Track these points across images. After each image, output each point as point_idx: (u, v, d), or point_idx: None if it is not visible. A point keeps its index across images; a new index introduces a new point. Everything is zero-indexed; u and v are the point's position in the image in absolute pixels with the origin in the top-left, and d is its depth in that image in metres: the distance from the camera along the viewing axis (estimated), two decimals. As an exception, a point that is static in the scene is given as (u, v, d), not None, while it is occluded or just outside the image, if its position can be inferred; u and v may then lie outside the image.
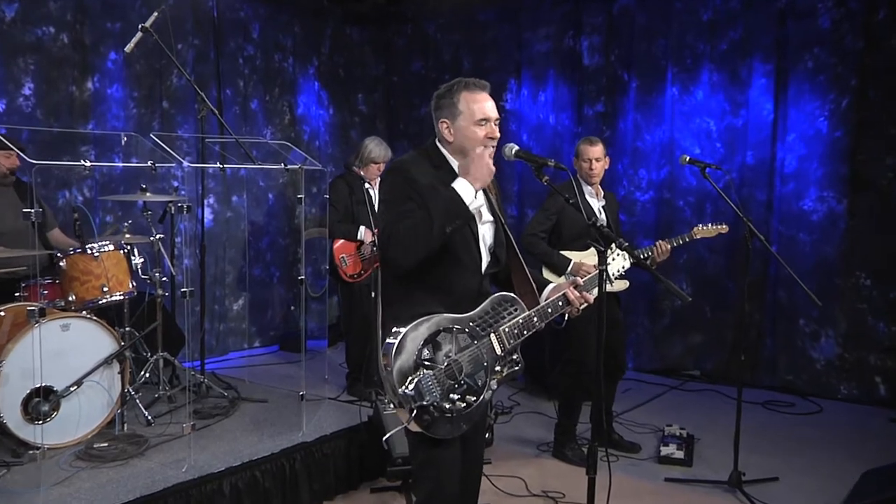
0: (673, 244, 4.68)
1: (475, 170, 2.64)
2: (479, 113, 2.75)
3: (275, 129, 7.56)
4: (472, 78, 2.80)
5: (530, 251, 4.69)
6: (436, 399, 2.58)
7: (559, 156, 7.21)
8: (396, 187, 2.69)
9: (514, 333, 2.76)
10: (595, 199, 4.78)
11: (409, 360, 2.56)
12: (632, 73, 6.92)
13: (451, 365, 2.63)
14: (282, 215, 7.65)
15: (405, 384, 2.54)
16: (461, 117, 2.76)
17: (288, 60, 7.64)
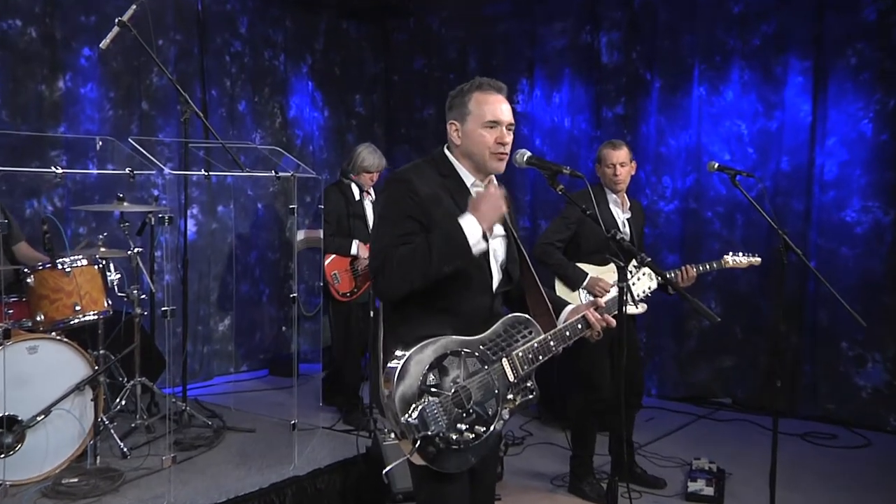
0: (700, 270, 4.67)
1: (483, 208, 2.62)
2: (488, 114, 2.76)
3: (264, 133, 7.56)
4: (488, 78, 2.82)
5: (543, 261, 4.69)
6: (442, 429, 2.56)
7: (575, 162, 7.21)
8: (395, 201, 2.69)
9: (529, 358, 2.75)
10: (619, 210, 4.78)
11: (413, 385, 2.55)
12: (655, 72, 6.91)
13: (459, 392, 2.61)
14: (272, 227, 7.65)
15: (408, 412, 2.52)
16: (470, 119, 2.78)
17: (279, 58, 7.66)
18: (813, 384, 6.39)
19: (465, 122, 2.78)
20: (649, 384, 6.92)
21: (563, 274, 4.67)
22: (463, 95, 2.80)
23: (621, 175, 4.72)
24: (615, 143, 4.80)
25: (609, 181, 4.75)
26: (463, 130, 2.78)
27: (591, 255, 4.70)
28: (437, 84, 8.17)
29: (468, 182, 2.80)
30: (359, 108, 8.48)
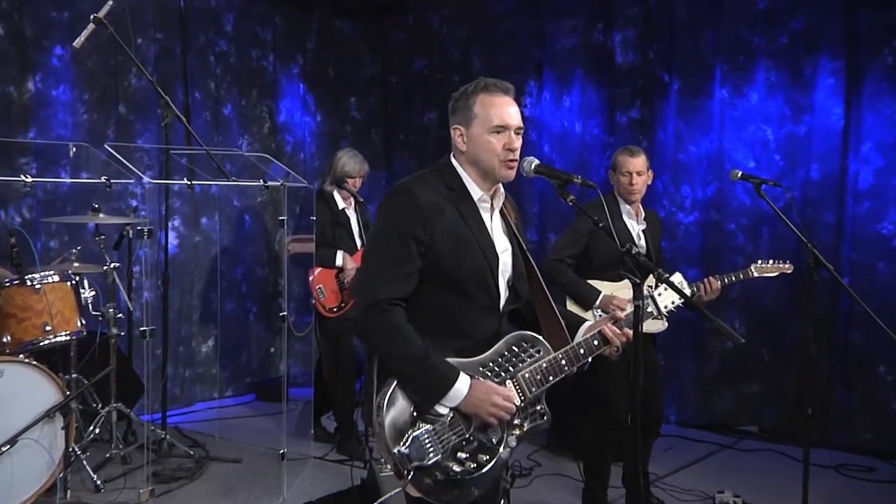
0: (725, 282, 4.65)
1: (485, 408, 2.62)
2: (495, 118, 2.76)
3: (252, 139, 7.56)
4: (495, 79, 2.84)
5: (553, 279, 4.69)
6: (438, 459, 2.53)
7: (587, 171, 7.19)
8: (395, 217, 2.70)
9: (537, 380, 2.74)
10: (634, 221, 4.77)
11: (405, 412, 2.54)
12: (673, 73, 6.91)
13: (458, 418, 2.60)
14: (260, 240, 7.64)
15: (401, 441, 2.49)
16: (475, 123, 2.78)
17: (268, 58, 7.67)
18: (847, 412, 6.34)
19: (470, 126, 2.79)
20: (668, 411, 6.87)
21: (575, 292, 4.67)
22: (467, 98, 2.81)
23: (637, 184, 4.71)
24: (632, 150, 4.79)
25: (624, 190, 4.73)
26: (468, 136, 2.79)
27: (605, 271, 4.70)
28: (439, 86, 8.17)
29: (475, 196, 2.81)
30: (354, 112, 8.48)
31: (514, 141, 2.78)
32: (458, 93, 2.86)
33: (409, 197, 2.69)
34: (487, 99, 2.78)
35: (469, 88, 2.82)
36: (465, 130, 2.80)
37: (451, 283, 2.69)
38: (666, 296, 3.26)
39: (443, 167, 2.85)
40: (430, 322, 2.67)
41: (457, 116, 2.83)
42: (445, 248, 2.68)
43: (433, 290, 2.70)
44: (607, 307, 4.56)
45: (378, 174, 8.56)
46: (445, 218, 2.70)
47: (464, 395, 2.60)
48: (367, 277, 2.69)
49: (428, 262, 2.67)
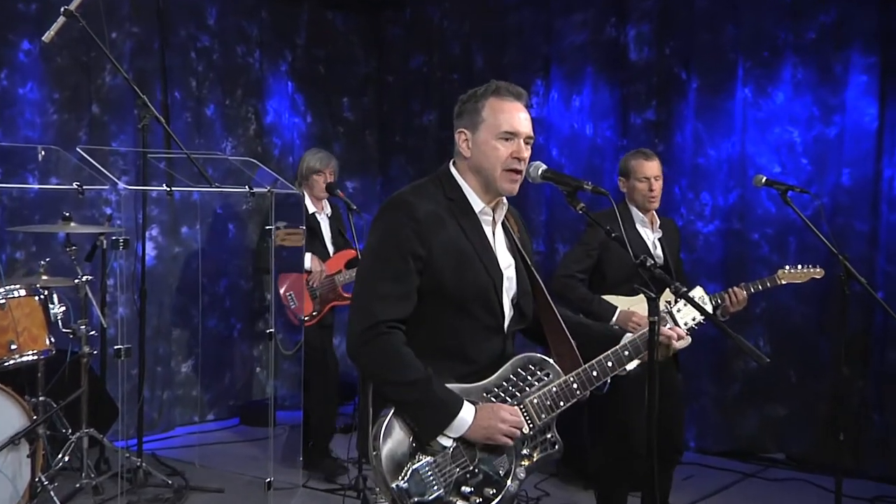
0: (751, 290, 4.63)
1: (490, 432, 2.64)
2: (504, 124, 2.78)
3: (237, 142, 7.55)
4: (507, 83, 2.85)
5: (564, 296, 4.69)
6: (440, 494, 2.55)
7: (598, 176, 7.18)
8: (391, 232, 2.70)
9: (547, 405, 2.74)
10: (649, 231, 4.76)
11: (404, 442, 2.55)
12: (691, 71, 6.90)
13: (461, 448, 2.60)
14: (245, 251, 7.63)
15: (400, 475, 2.48)
16: (483, 128, 2.80)
17: (253, 54, 7.67)
18: (883, 437, 6.32)
19: (476, 131, 2.81)
20: (687, 436, 6.84)
21: (588, 310, 4.67)
22: (476, 101, 2.83)
23: (657, 190, 4.72)
24: (646, 153, 4.78)
25: (643, 198, 4.73)
26: (474, 141, 2.81)
27: (620, 286, 4.71)
28: (439, 85, 8.16)
29: (477, 208, 2.83)
30: (347, 113, 8.48)
31: (522, 150, 2.79)
32: (466, 95, 2.88)
33: (406, 209, 2.70)
34: (498, 103, 2.80)
35: (479, 91, 2.85)
36: (470, 135, 2.81)
37: (451, 302, 2.70)
38: (686, 311, 3.26)
39: (442, 176, 2.87)
40: (428, 344, 2.67)
41: (463, 120, 2.85)
42: (445, 264, 2.69)
43: (432, 310, 2.71)
44: (626, 324, 4.55)
45: (373, 179, 8.57)
46: (445, 232, 2.71)
47: (468, 425, 2.60)
48: (362, 297, 2.69)
49: (426, 279, 2.68)
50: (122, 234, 4.72)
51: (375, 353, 2.61)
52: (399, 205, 2.72)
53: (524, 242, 3.00)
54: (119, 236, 4.58)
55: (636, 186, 4.74)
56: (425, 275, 2.68)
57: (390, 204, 2.76)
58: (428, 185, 2.84)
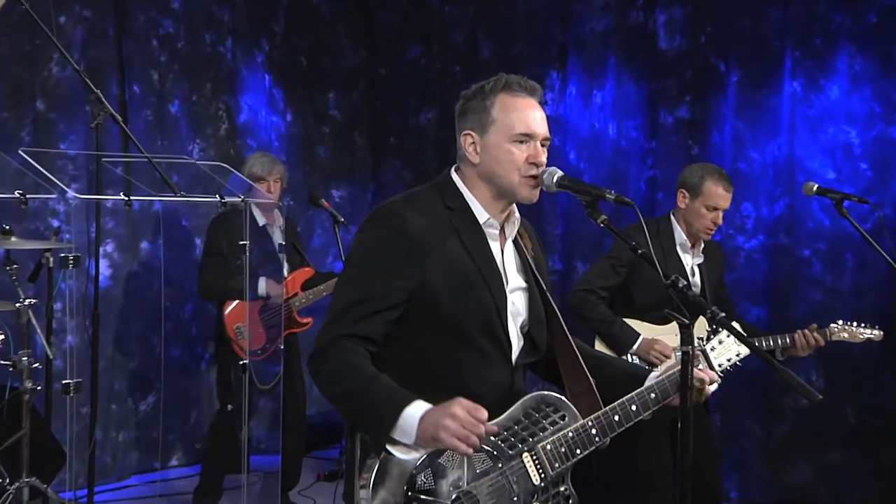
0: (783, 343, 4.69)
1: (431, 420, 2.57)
2: (519, 125, 2.80)
3: (205, 144, 7.55)
4: (518, 76, 2.88)
5: (580, 313, 4.72)
6: None
7: (623, 184, 7.20)
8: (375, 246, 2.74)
9: (562, 453, 2.76)
10: (688, 255, 4.76)
11: (397, 492, 2.56)
12: (731, 62, 6.91)
13: (462, 499, 2.62)
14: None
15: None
16: (494, 129, 2.82)
17: (225, 43, 7.67)
18: (957, 488, 6.29)
19: (486, 133, 2.82)
20: (727, 485, 6.81)
21: (607, 332, 4.68)
22: (484, 97, 2.84)
23: (720, 223, 4.74)
24: (727, 178, 4.81)
25: (701, 227, 4.76)
26: (483, 144, 2.82)
27: (647, 312, 4.72)
28: (439, 79, 8.16)
29: (481, 219, 2.84)
30: (333, 110, 8.48)
31: (540, 153, 2.82)
32: (470, 91, 2.89)
33: (396, 224, 2.71)
34: (509, 100, 2.82)
35: (486, 86, 2.85)
36: (478, 137, 2.82)
37: (450, 329, 2.72)
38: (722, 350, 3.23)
39: (442, 183, 2.89)
40: (426, 378, 2.69)
41: (468, 120, 2.85)
42: (442, 285, 2.70)
43: (428, 338, 2.73)
44: (647, 353, 4.56)
45: (363, 187, 8.54)
46: (442, 248, 2.72)
47: (416, 423, 2.55)
48: (329, 313, 2.73)
49: (419, 303, 2.69)
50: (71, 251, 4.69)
51: (323, 364, 2.67)
52: (388, 217, 2.73)
53: (539, 263, 3.01)
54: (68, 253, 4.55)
55: (699, 211, 4.75)
56: (417, 299, 2.69)
57: (378, 216, 2.77)
58: (424, 194, 2.85)
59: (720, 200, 4.73)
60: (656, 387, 2.86)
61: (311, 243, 8.13)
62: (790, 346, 4.76)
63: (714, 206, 4.75)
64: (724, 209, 4.79)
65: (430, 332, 2.71)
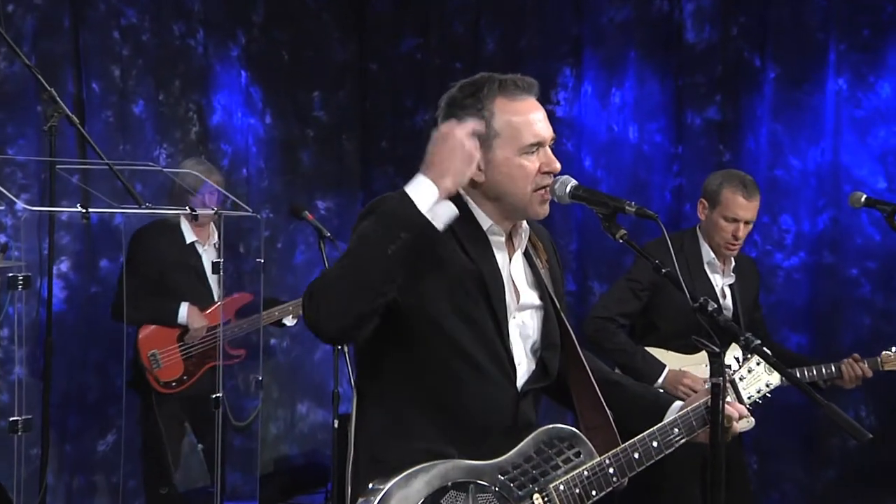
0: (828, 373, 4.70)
1: (437, 156, 2.63)
2: (527, 134, 2.80)
3: (174, 149, 7.53)
4: (511, 75, 2.85)
5: (599, 344, 4.74)
6: None
7: (645, 194, 7.22)
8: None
9: (576, 495, 2.76)
10: (718, 274, 4.76)
11: None
12: (767, 56, 6.93)
13: None
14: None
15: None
16: (499, 143, 2.80)
17: (196, 35, 7.66)
18: None
19: (489, 148, 2.79)
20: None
21: (629, 364, 4.68)
22: (478, 105, 2.81)
23: (743, 238, 4.74)
24: (748, 185, 4.81)
25: (721, 241, 4.75)
26: (488, 160, 2.79)
27: (673, 340, 4.72)
28: (437, 76, 8.13)
29: (485, 225, 2.83)
30: (318, 111, 8.46)
31: (553, 158, 2.81)
32: (456, 95, 2.85)
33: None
34: (510, 106, 2.80)
35: (478, 91, 2.82)
36: (482, 153, 2.77)
37: (445, 339, 2.69)
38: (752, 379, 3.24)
39: None
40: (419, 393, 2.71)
41: None
42: (436, 285, 2.69)
43: (422, 347, 2.71)
44: (674, 387, 4.56)
45: (352, 197, 8.51)
46: (441, 247, 2.69)
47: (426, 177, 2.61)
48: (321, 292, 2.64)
49: (411, 304, 2.67)
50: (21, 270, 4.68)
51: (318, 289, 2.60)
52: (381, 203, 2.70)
53: (555, 278, 3.00)
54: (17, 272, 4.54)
55: (718, 223, 4.76)
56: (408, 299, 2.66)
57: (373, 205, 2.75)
58: None
59: (739, 210, 4.72)
60: (680, 421, 2.87)
61: (292, 260, 8.14)
62: (835, 377, 4.75)
63: (733, 218, 4.75)
64: (745, 221, 4.78)
65: (422, 343, 2.69)
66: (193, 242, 6.12)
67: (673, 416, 2.93)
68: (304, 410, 7.83)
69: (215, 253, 6.07)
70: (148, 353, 5.85)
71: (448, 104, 2.84)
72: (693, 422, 2.87)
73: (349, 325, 2.56)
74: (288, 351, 8.08)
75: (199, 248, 6.13)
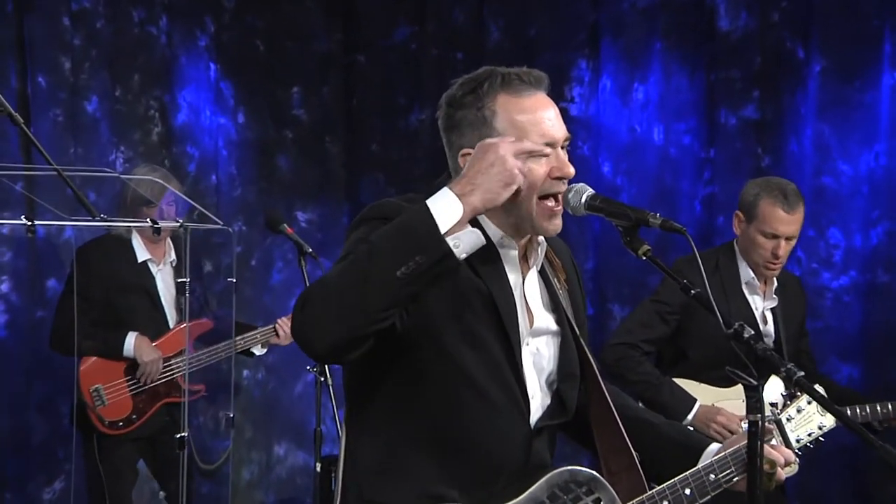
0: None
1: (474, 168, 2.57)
2: (534, 135, 2.77)
3: (132, 153, 7.53)
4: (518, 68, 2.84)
5: (619, 374, 4.80)
6: None
7: (672, 205, 7.25)
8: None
9: None
10: (757, 296, 4.75)
11: None
12: (812, 46, 6.93)
13: None
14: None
15: None
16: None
17: (158, 22, 7.67)
18: None
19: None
20: None
21: (655, 398, 4.70)
22: (479, 103, 2.79)
23: (783, 256, 4.72)
24: (789, 194, 4.78)
25: (759, 260, 4.76)
26: None
27: (707, 371, 4.74)
28: (435, 69, 8.15)
29: (495, 237, 2.80)
30: (298, 109, 8.47)
31: (566, 161, 2.78)
32: (455, 94, 2.83)
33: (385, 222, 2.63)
34: (515, 103, 2.77)
35: (479, 87, 2.79)
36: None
37: (450, 369, 2.68)
38: (801, 420, 3.23)
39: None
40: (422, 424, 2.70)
41: (463, 133, 2.80)
42: (440, 304, 2.66)
43: (421, 376, 2.70)
44: (706, 425, 4.57)
45: (337, 208, 8.50)
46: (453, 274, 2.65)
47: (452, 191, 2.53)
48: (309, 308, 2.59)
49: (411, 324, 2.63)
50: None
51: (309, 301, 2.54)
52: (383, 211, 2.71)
53: (575, 301, 3.01)
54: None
55: (756, 239, 4.75)
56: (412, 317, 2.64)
57: (370, 211, 2.75)
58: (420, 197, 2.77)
59: (779, 225, 4.70)
60: (717, 466, 2.86)
61: (269, 280, 8.12)
62: (892, 416, 4.74)
63: (772, 233, 4.73)
64: (786, 237, 4.75)
65: (425, 367, 2.68)
66: (146, 261, 6.08)
67: (709, 459, 2.93)
68: (281, 452, 7.81)
69: (172, 272, 6.09)
70: (90, 389, 5.80)
71: (448, 104, 2.82)
72: (732, 466, 2.87)
73: (342, 346, 2.52)
74: (263, 384, 8.05)
75: (153, 268, 6.10)
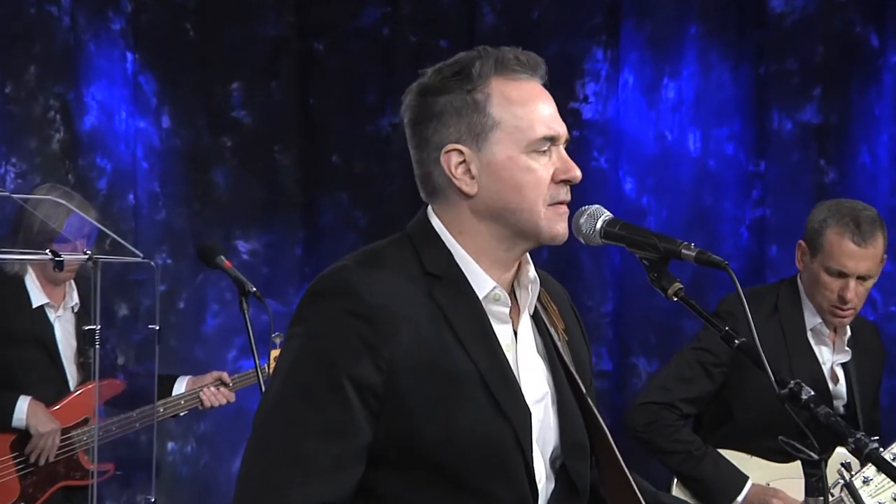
0: None
1: None
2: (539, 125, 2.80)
3: (27, 164, 7.54)
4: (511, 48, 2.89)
5: (649, 442, 4.83)
6: None
7: (712, 232, 7.18)
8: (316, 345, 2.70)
9: None
10: (826, 346, 4.75)
11: None
12: (888, 33, 6.95)
13: None
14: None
15: None
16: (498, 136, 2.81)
17: (59, 2, 7.66)
18: None
19: (485, 143, 2.80)
20: None
21: (694, 473, 4.70)
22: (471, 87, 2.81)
23: (855, 301, 4.70)
24: (865, 223, 4.71)
25: (825, 302, 4.78)
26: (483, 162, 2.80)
27: (758, 438, 4.73)
28: (412, 59, 8.17)
29: (481, 291, 2.80)
30: (239, 110, 8.48)
31: (571, 164, 2.80)
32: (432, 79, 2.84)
33: (347, 298, 2.67)
34: (511, 88, 2.81)
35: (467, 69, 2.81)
36: (472, 153, 2.79)
37: (437, 470, 2.68)
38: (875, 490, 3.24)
39: (416, 234, 2.86)
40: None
41: (446, 124, 2.80)
42: (419, 399, 2.65)
43: (407, 484, 2.70)
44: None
45: (290, 235, 8.49)
46: (421, 340, 2.67)
47: None
48: (262, 471, 2.66)
49: (387, 426, 2.65)
50: None
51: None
52: (336, 290, 2.70)
53: (578, 354, 2.99)
54: None
55: (819, 277, 4.75)
56: (384, 417, 2.64)
57: (320, 288, 2.74)
58: (389, 252, 2.82)
59: (847, 261, 4.66)
60: None
61: (201, 325, 8.11)
62: None
63: (839, 270, 4.70)
64: (857, 275, 4.70)
65: (406, 474, 2.68)
66: (43, 306, 6.02)
67: None
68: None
69: (73, 320, 6.06)
70: None
71: (421, 92, 2.82)
72: None
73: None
74: (192, 459, 8.05)
75: (51, 314, 6.04)
